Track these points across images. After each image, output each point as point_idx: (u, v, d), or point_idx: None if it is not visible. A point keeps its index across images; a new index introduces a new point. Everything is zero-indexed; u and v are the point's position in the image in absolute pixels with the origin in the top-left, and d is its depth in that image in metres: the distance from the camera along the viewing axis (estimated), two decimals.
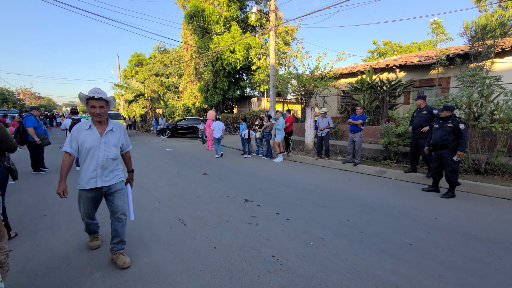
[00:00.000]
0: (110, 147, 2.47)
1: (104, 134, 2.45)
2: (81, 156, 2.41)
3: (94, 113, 2.37)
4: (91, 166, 2.40)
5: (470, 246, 2.98)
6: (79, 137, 2.37)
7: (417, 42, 26.59)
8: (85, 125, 2.42)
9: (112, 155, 2.47)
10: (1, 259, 1.81)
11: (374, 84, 10.34)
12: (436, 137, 4.82)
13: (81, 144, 2.37)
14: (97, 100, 2.35)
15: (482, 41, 7.64)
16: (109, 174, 2.49)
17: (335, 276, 2.40)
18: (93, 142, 2.39)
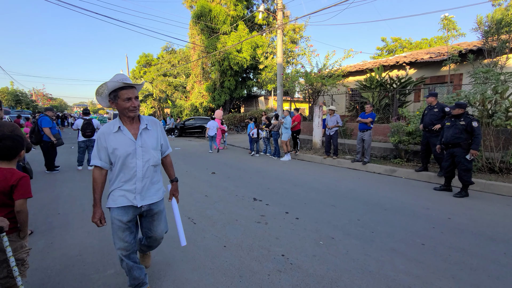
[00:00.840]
0: (149, 151, 1.90)
1: (139, 135, 1.87)
2: (114, 168, 1.86)
3: (129, 108, 1.78)
4: (127, 179, 1.84)
5: (485, 246, 2.91)
6: (108, 143, 1.81)
7: (428, 39, 26.05)
8: (112, 127, 1.83)
9: (152, 161, 1.91)
10: (23, 257, 1.87)
11: (384, 81, 10.18)
12: (448, 136, 4.72)
13: (112, 153, 1.81)
14: (132, 89, 1.80)
15: (497, 36, 7.42)
16: (150, 188, 1.92)
17: (346, 275, 2.37)
18: (127, 147, 1.82)
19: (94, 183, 1.84)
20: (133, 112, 1.81)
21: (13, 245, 1.79)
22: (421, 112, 6.47)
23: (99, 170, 1.85)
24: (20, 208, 1.78)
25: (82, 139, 6.87)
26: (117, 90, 1.77)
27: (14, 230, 1.81)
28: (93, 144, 7.00)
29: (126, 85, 1.76)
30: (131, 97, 1.78)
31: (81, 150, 6.97)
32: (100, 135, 1.84)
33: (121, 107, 1.79)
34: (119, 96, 1.77)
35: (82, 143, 6.91)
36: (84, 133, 6.81)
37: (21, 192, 1.79)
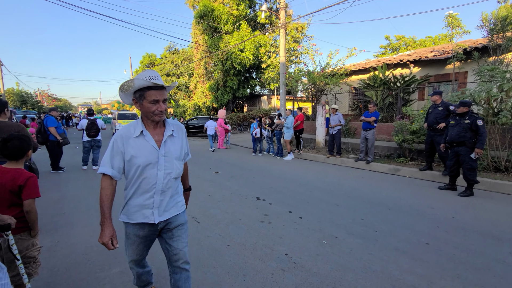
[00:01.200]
0: (172, 161, 1.62)
1: (163, 143, 1.59)
2: (130, 178, 1.58)
3: (155, 111, 1.52)
4: (145, 192, 1.57)
5: (491, 246, 2.88)
6: (126, 149, 1.53)
7: (432, 36, 25.81)
8: (133, 130, 1.56)
9: (175, 173, 1.64)
10: (35, 254, 1.90)
11: (387, 80, 10.12)
12: (453, 134, 4.68)
13: (130, 160, 1.53)
14: (161, 91, 1.53)
15: (502, 33, 7.34)
16: (170, 202, 1.66)
17: (350, 275, 2.37)
18: (149, 156, 1.54)
19: (103, 194, 1.54)
20: (159, 117, 1.55)
21: (24, 243, 1.83)
22: (426, 110, 6.43)
23: (109, 179, 1.55)
24: (29, 208, 1.81)
25: (86, 139, 6.94)
26: (144, 90, 1.51)
27: (25, 229, 1.84)
28: (98, 144, 7.08)
29: (155, 85, 1.49)
30: (159, 100, 1.51)
31: (86, 150, 7.03)
32: (118, 138, 1.54)
33: (146, 110, 1.53)
34: (145, 97, 1.50)
35: (87, 143, 6.98)
36: (89, 133, 6.88)
37: (29, 192, 1.81)
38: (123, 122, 16.17)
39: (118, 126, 15.98)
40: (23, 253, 1.82)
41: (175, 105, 24.51)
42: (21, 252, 1.80)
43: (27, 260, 1.84)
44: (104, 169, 1.55)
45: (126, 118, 16.98)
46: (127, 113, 18.16)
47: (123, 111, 19.50)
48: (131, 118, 17.40)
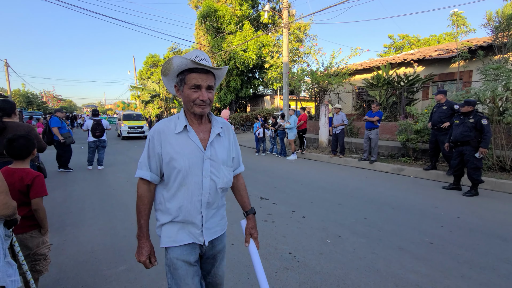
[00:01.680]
0: (219, 166, 1.29)
1: (209, 144, 1.27)
2: (168, 184, 1.25)
3: (195, 100, 1.20)
4: (188, 206, 1.24)
5: (496, 246, 2.87)
6: (165, 148, 1.22)
7: (436, 35, 25.58)
8: (173, 125, 1.26)
9: (222, 182, 1.30)
10: (45, 252, 1.96)
11: (391, 79, 10.08)
12: (457, 133, 4.66)
13: (169, 163, 1.21)
14: (206, 75, 1.21)
15: (507, 32, 7.26)
16: (214, 217, 1.33)
17: (353, 273, 2.39)
18: (192, 157, 1.22)
19: (140, 204, 1.26)
20: (201, 108, 1.22)
21: (35, 241, 1.88)
22: (430, 110, 6.40)
23: (146, 184, 1.26)
24: (36, 206, 1.85)
25: (92, 139, 7.02)
26: (185, 72, 1.20)
27: (35, 227, 1.89)
28: (103, 144, 7.16)
29: (198, 67, 1.18)
30: (201, 86, 1.19)
31: (91, 150, 7.12)
32: (154, 134, 1.24)
33: (186, 98, 1.22)
34: (185, 82, 1.20)
35: (92, 143, 7.06)
36: (94, 134, 6.97)
37: (36, 191, 1.85)
38: (128, 123, 16.00)
39: (123, 127, 15.90)
40: (34, 250, 1.87)
41: (179, 105, 24.62)
42: (31, 249, 1.85)
43: (38, 257, 1.89)
44: (141, 173, 1.24)
45: (131, 119, 16.82)
46: (132, 114, 17.95)
47: (128, 112, 19.15)
48: (136, 119, 17.00)
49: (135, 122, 16.32)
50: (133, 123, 16.19)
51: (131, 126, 15.90)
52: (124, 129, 15.81)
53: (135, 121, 16.50)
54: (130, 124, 15.95)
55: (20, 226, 1.79)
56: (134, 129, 15.95)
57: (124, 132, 15.79)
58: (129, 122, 16.20)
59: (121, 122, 16.39)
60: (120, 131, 16.25)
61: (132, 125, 15.98)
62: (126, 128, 15.76)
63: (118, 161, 8.44)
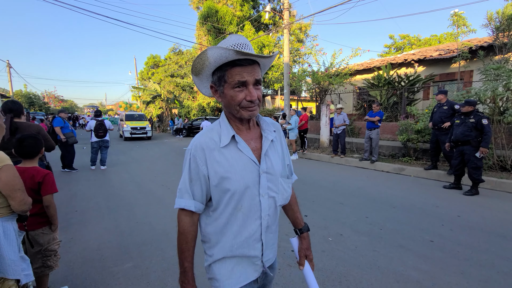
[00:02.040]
0: (277, 180, 1.03)
1: (264, 155, 1.00)
2: (217, 210, 0.99)
3: (241, 103, 0.93)
4: (246, 234, 0.99)
5: (495, 244, 2.92)
6: (211, 167, 0.96)
7: (437, 35, 25.58)
8: (217, 136, 0.98)
9: (281, 199, 1.06)
10: (55, 248, 2.02)
11: (392, 79, 10.12)
12: (458, 133, 4.70)
13: (219, 185, 0.95)
14: (252, 66, 0.92)
15: (508, 32, 7.30)
16: (272, 241, 1.09)
17: (355, 270, 2.43)
18: (246, 175, 0.96)
19: (182, 241, 0.98)
20: (248, 111, 0.94)
21: (46, 237, 1.94)
22: (430, 110, 6.44)
23: (189, 216, 0.98)
24: (48, 203, 1.92)
25: (95, 139, 7.10)
26: (224, 67, 0.91)
27: (46, 224, 1.95)
28: (106, 145, 7.23)
29: (242, 57, 0.88)
30: (248, 82, 0.90)
31: (94, 150, 7.19)
32: (197, 151, 0.96)
33: (229, 100, 0.94)
34: (226, 79, 0.91)
35: (95, 144, 7.14)
36: (97, 134, 7.05)
37: (47, 188, 1.91)
38: (131, 124, 15.76)
39: (126, 127, 15.62)
40: (45, 246, 1.93)
41: (180, 105, 24.71)
42: (43, 245, 1.92)
43: (49, 253, 1.95)
44: (183, 202, 0.97)
45: (134, 119, 16.55)
46: (135, 114, 17.62)
47: (130, 112, 18.75)
48: (139, 119, 16.59)
49: (138, 123, 16.11)
50: (136, 123, 16.00)
51: (133, 126, 15.71)
52: (126, 129, 15.62)
53: (137, 122, 16.29)
54: (132, 125, 15.77)
55: (32, 223, 1.86)
56: (137, 130, 15.74)
57: (126, 133, 15.59)
58: (132, 122, 16.00)
59: (124, 122, 16.18)
60: (123, 131, 16.03)
61: (135, 125, 15.80)
62: (129, 129, 15.59)
63: (121, 161, 8.51)
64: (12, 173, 1.42)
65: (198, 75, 1.00)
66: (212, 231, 1.01)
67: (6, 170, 1.39)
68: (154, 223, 3.56)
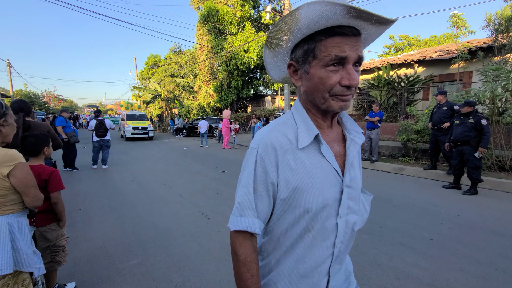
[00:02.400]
0: (358, 196, 0.80)
1: (349, 163, 0.77)
2: (280, 232, 0.76)
3: (334, 88, 0.67)
4: (310, 262, 0.75)
5: (494, 242, 2.97)
6: (283, 174, 0.71)
7: (437, 36, 25.69)
8: (292, 134, 0.73)
9: (361, 221, 0.85)
10: (63, 244, 2.07)
11: (392, 80, 10.17)
12: (457, 133, 4.75)
13: (290, 199, 0.71)
14: (354, 38, 0.66)
15: (507, 33, 7.37)
16: (340, 275, 0.84)
17: (356, 267, 2.48)
18: (326, 187, 0.72)
19: (245, 270, 0.72)
20: (341, 101, 0.70)
21: (54, 233, 1.99)
22: (430, 110, 6.49)
23: (249, 240, 0.74)
24: (56, 200, 1.96)
25: (96, 139, 7.13)
26: (317, 37, 0.67)
27: (54, 220, 2.00)
28: (107, 144, 7.23)
29: (347, 24, 0.65)
30: (349, 58, 0.66)
31: (95, 149, 7.22)
32: (266, 152, 0.72)
33: (316, 84, 0.70)
34: (316, 53, 0.68)
35: (96, 143, 7.16)
36: (97, 133, 7.07)
37: (54, 185, 1.97)
38: (132, 123, 15.40)
39: (127, 127, 15.23)
40: (53, 242, 1.98)
41: (180, 105, 24.75)
42: (51, 241, 1.97)
43: (57, 249, 2.01)
44: (246, 222, 0.72)
45: (135, 119, 16.07)
46: (136, 114, 17.06)
47: (132, 112, 17.97)
48: (140, 119, 16.17)
49: (139, 123, 15.78)
50: (137, 123, 15.66)
51: (135, 126, 15.38)
52: (127, 129, 15.30)
53: (139, 122, 15.94)
54: (134, 125, 15.44)
55: (40, 220, 1.91)
56: (139, 130, 15.42)
57: (128, 133, 15.28)
58: (133, 122, 15.66)
59: (125, 122, 15.82)
60: (124, 131, 15.68)
61: (136, 125, 15.47)
62: (130, 129, 15.26)
63: (122, 161, 8.55)
64: (26, 170, 1.47)
65: (275, 48, 0.76)
66: (270, 249, 0.79)
67: (21, 167, 1.43)
68: (157, 221, 3.61)
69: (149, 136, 15.91)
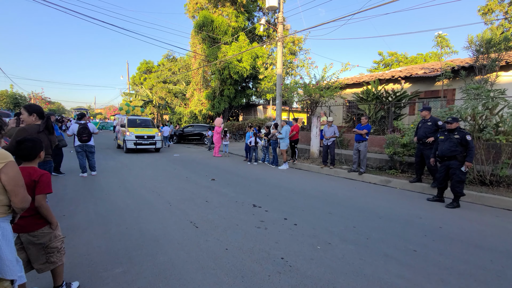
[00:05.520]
0: None
1: None
2: None
3: None
4: None
5: (474, 254, 3.07)
6: None
7: (423, 54, 26.82)
8: None
9: None
10: (57, 245, 2.08)
11: (380, 94, 10.50)
12: (444, 149, 4.92)
13: None
14: None
15: (487, 55, 7.80)
16: None
17: (342, 278, 2.51)
18: None
19: None
20: None
21: (47, 236, 2.01)
22: (415, 125, 6.72)
23: None
24: (39, 203, 1.94)
25: (78, 143, 6.80)
26: None
27: (44, 224, 2.01)
28: (90, 150, 6.91)
29: None
30: None
31: (80, 154, 6.84)
32: None
33: None
34: None
35: (79, 148, 6.81)
36: (81, 138, 6.75)
37: (41, 188, 1.95)
38: (135, 131, 12.07)
39: (129, 136, 11.84)
40: (47, 244, 2.00)
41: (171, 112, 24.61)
42: (44, 245, 1.99)
43: (51, 250, 2.02)
44: None
45: (139, 126, 12.92)
46: (140, 118, 13.94)
47: (134, 116, 14.63)
48: (145, 126, 13.08)
49: (145, 130, 12.41)
50: (142, 131, 12.30)
51: (139, 135, 12.01)
52: (130, 138, 11.82)
53: (144, 129, 12.56)
54: (138, 133, 12.05)
55: (31, 224, 1.89)
56: (143, 139, 12.06)
57: (129, 143, 11.80)
58: (137, 129, 12.27)
59: (126, 129, 12.19)
60: (124, 141, 12.08)
61: (141, 133, 12.11)
62: (133, 138, 11.83)
63: (110, 166, 8.38)
64: (16, 169, 1.46)
65: None
66: None
67: (12, 165, 1.43)
68: (144, 228, 3.55)
69: (156, 148, 12.69)
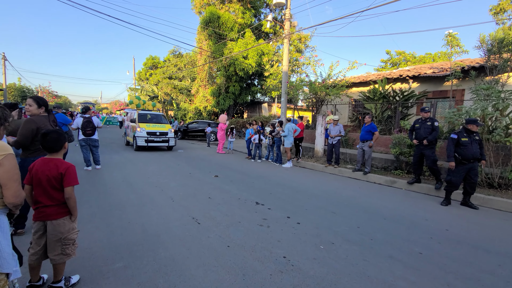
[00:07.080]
0: None
1: None
2: None
3: None
4: None
5: (481, 258, 2.99)
6: None
7: (431, 53, 26.37)
8: None
9: None
10: (74, 237, 2.11)
11: (387, 94, 10.34)
12: (474, 151, 4.76)
13: None
14: None
15: (499, 55, 7.59)
16: None
17: (345, 279, 2.47)
18: None
19: None
20: None
21: (66, 226, 2.03)
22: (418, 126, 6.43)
23: None
24: (69, 195, 2.01)
25: (82, 137, 6.81)
26: None
27: (66, 214, 2.04)
28: (94, 144, 6.95)
29: None
30: None
31: (84, 148, 6.88)
32: None
33: None
34: None
35: (83, 141, 6.83)
36: (85, 132, 6.77)
37: (69, 180, 2.01)
38: (147, 127, 11.00)
39: (139, 132, 10.76)
40: (65, 235, 2.02)
41: (176, 108, 24.67)
42: (63, 234, 2.02)
43: (68, 242, 2.05)
44: None
45: (151, 121, 11.73)
46: (151, 114, 12.45)
47: (145, 111, 12.94)
48: (157, 121, 11.91)
49: (157, 126, 11.33)
50: (155, 127, 11.24)
51: (151, 131, 10.94)
52: (140, 135, 10.76)
53: (156, 125, 11.46)
54: (150, 129, 10.99)
55: (55, 213, 1.97)
56: (156, 136, 11.03)
57: (140, 139, 10.73)
58: (148, 125, 11.17)
59: (136, 125, 11.11)
60: (134, 137, 11.02)
61: (153, 130, 11.04)
62: (144, 135, 10.78)
63: (114, 161, 8.42)
64: (13, 163, 1.44)
65: None
66: None
67: (10, 158, 1.42)
68: (146, 224, 3.54)
69: (169, 146, 11.67)
